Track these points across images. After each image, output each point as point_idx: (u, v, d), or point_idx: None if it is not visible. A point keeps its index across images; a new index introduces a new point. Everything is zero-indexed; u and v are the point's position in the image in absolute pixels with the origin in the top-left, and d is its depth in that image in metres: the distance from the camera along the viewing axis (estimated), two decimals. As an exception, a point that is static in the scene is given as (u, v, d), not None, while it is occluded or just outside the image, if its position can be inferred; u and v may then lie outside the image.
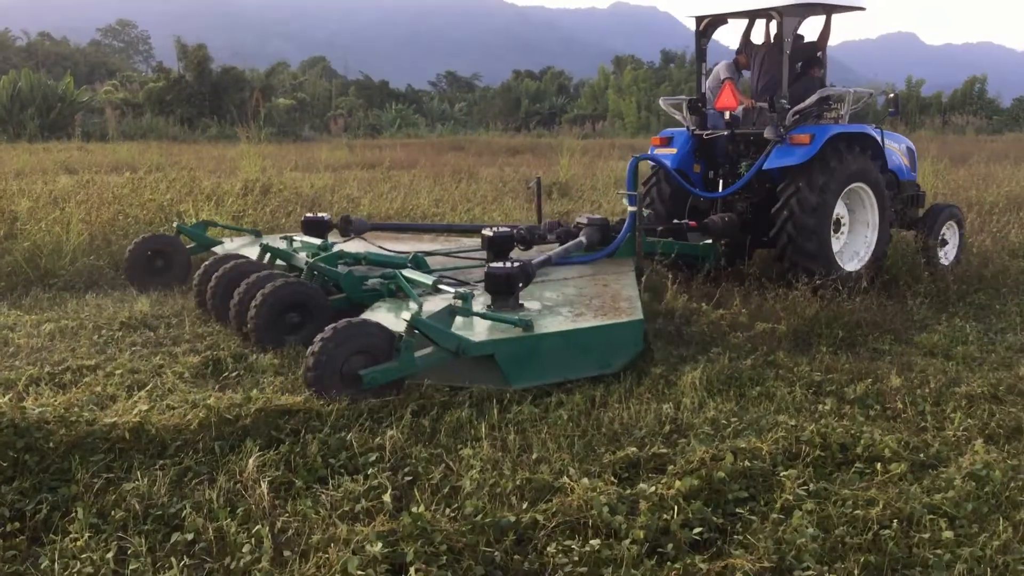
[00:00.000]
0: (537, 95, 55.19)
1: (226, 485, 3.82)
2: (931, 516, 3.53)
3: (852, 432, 4.42)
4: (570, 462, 4.11)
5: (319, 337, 4.82)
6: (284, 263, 7.12)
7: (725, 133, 8.42)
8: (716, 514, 3.64)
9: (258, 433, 4.35)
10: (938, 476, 3.95)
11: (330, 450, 4.25)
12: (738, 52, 9.00)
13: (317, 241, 7.44)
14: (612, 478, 3.93)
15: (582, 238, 7.55)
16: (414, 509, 3.47)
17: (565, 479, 3.81)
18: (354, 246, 7.52)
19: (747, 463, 4.00)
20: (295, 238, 7.68)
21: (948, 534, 3.35)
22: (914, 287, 7.81)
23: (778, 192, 7.76)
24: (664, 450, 4.22)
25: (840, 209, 7.94)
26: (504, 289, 5.56)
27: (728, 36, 9.44)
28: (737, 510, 3.69)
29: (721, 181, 8.56)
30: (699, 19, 8.59)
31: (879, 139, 8.25)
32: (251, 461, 3.93)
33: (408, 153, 24.20)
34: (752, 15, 8.77)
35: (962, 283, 8.12)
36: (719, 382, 5.36)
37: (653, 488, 3.71)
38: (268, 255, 7.15)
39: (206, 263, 7.03)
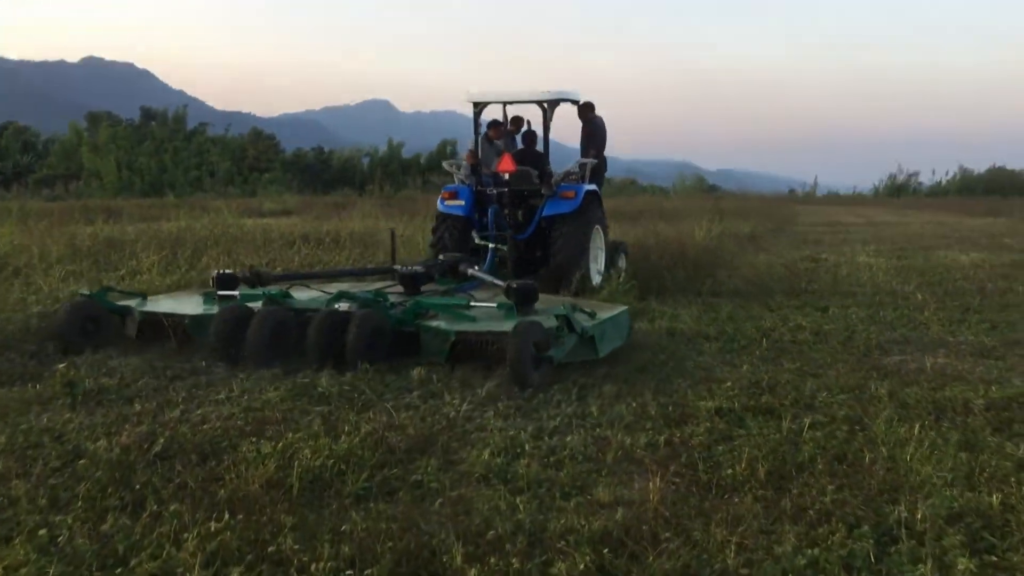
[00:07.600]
0: (-3, 153, 46.85)
1: None
2: None
3: None
4: None
5: (513, 339, 6.09)
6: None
7: (504, 190, 10.75)
8: None
9: None
10: None
11: None
12: (489, 127, 11.36)
13: (273, 290, 7.94)
14: None
15: (475, 269, 9.41)
16: None
17: None
18: (309, 293, 8.23)
19: None
20: (220, 293, 8.09)
21: None
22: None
23: (554, 232, 10.44)
24: None
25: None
26: (532, 299, 7.33)
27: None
28: None
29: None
30: (476, 104, 10.89)
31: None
32: None
33: None
34: (520, 103, 11.36)
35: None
36: None
37: None
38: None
39: (222, 317, 7.00)
